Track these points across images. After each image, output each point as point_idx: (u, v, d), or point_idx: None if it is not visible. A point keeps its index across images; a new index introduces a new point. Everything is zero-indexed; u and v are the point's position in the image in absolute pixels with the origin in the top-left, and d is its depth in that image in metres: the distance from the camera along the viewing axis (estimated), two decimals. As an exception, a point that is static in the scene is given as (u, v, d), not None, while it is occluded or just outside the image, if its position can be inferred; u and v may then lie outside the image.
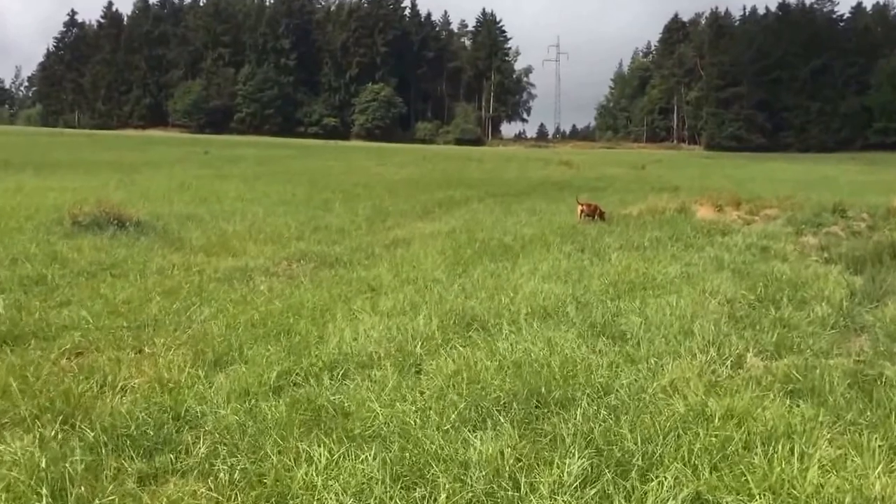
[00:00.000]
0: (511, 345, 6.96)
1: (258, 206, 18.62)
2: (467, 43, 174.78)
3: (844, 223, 17.85)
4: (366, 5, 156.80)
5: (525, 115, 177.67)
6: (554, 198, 24.98)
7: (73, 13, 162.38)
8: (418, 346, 6.91)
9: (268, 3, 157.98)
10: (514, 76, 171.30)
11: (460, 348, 6.85)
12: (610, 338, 7.31)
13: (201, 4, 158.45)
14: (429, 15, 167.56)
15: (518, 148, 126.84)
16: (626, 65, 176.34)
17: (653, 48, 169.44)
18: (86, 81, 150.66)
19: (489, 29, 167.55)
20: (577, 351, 6.77)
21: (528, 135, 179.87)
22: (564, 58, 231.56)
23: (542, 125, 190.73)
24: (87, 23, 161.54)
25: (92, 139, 74.01)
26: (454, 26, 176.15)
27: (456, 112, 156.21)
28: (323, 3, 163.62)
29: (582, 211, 17.63)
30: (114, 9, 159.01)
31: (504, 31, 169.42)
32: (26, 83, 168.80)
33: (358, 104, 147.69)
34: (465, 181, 31.87)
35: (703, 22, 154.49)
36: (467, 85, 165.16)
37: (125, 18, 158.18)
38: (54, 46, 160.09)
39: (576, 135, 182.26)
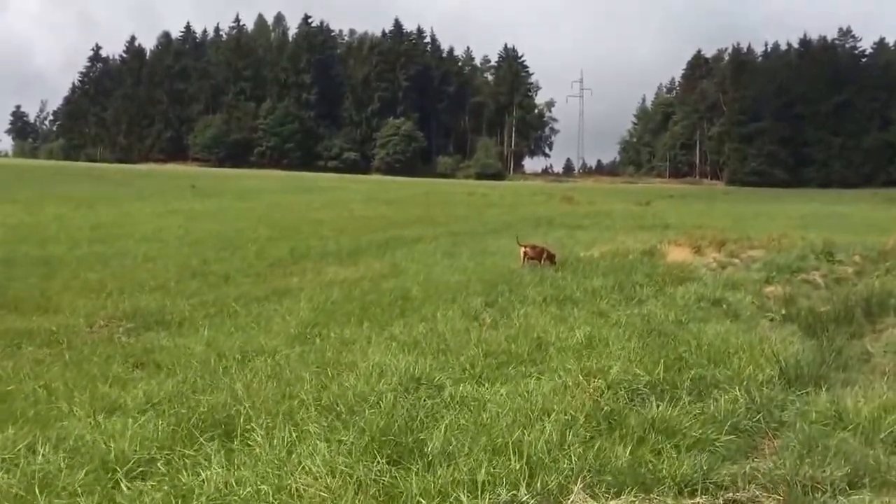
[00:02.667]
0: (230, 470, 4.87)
1: (161, 246, 16.90)
2: (489, 78, 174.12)
3: (828, 268, 15.51)
4: (387, 41, 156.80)
5: (547, 150, 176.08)
6: (525, 236, 22.91)
7: (97, 48, 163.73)
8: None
9: (289, 39, 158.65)
10: (536, 111, 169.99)
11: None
12: (396, 457, 5.12)
13: (223, 39, 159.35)
14: (451, 50, 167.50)
15: (539, 183, 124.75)
16: (649, 100, 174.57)
17: (676, 84, 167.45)
18: (108, 115, 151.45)
19: (511, 64, 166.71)
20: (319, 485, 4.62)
21: (555, 169, 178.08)
22: (588, 93, 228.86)
23: (567, 160, 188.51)
24: (112, 57, 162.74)
25: (81, 170, 73.33)
26: (477, 61, 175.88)
27: (477, 146, 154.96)
28: (344, 39, 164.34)
29: (525, 254, 15.45)
30: (136, 43, 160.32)
31: (526, 67, 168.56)
32: (51, 117, 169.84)
33: (379, 138, 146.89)
34: (438, 218, 29.98)
35: (726, 58, 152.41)
36: (489, 119, 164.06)
37: (147, 53, 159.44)
38: (79, 81, 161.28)
39: (601, 169, 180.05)
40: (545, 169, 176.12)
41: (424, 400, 6.31)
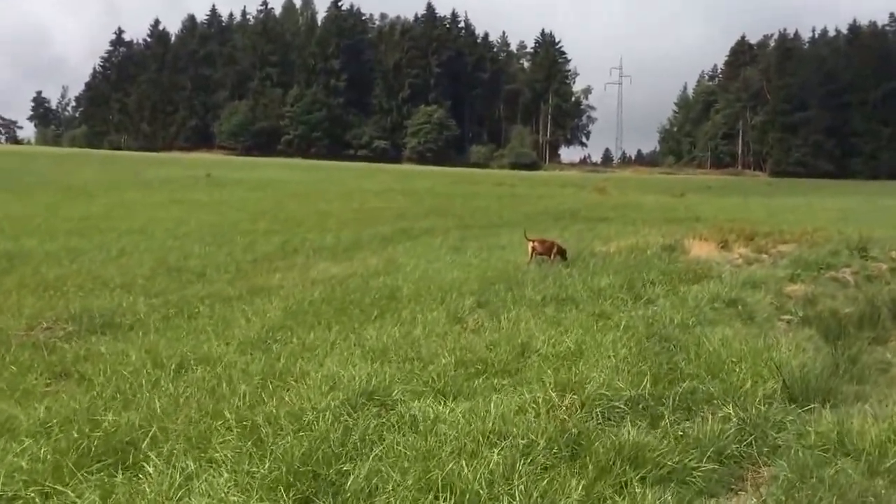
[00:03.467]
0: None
1: (144, 239, 16.56)
2: (526, 64, 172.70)
3: (860, 265, 14.69)
4: (420, 25, 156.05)
5: (584, 139, 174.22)
6: (543, 229, 22.30)
7: (119, 32, 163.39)
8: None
9: (318, 23, 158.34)
10: (573, 99, 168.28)
11: None
12: (308, 493, 4.53)
13: (249, 23, 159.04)
14: (486, 35, 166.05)
15: (574, 173, 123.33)
16: (690, 88, 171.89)
17: (718, 71, 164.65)
18: (131, 102, 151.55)
19: (548, 50, 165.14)
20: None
21: (594, 159, 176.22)
22: (627, 80, 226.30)
23: (606, 150, 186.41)
24: (135, 42, 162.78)
25: (96, 158, 73.39)
26: (513, 47, 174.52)
27: (511, 135, 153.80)
28: (375, 23, 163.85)
29: (533, 249, 14.78)
30: (160, 27, 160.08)
31: (563, 53, 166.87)
32: (73, 103, 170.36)
33: (410, 126, 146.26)
34: (456, 210, 29.30)
35: (771, 44, 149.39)
36: (524, 107, 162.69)
37: (172, 37, 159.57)
38: (101, 66, 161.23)
39: (641, 160, 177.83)
40: (583, 159, 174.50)
41: (369, 419, 5.76)
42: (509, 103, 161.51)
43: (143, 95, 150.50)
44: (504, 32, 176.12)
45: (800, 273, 13.62)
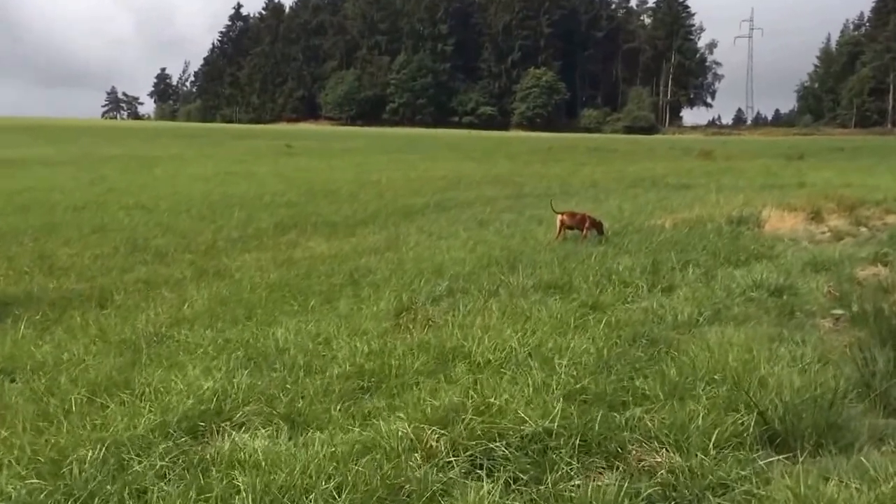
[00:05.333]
0: None
1: (141, 213, 15.92)
2: (646, 21, 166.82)
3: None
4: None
5: (709, 100, 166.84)
6: (604, 197, 20.50)
7: (238, 6, 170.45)
8: None
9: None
10: (697, 56, 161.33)
11: None
12: None
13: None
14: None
15: (692, 136, 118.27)
16: (833, 40, 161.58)
17: (865, 19, 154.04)
18: (242, 75, 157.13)
19: (670, 4, 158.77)
20: None
21: (724, 121, 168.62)
22: (759, 33, 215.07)
23: (739, 110, 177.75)
24: (252, 16, 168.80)
25: (186, 131, 74.89)
26: (633, 2, 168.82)
27: (628, 97, 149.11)
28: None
29: (562, 223, 13.09)
30: (276, 0, 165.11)
31: (687, 7, 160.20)
32: (192, 78, 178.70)
33: (518, 91, 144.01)
34: (519, 178, 27.71)
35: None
36: (644, 67, 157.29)
37: (286, 9, 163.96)
38: (219, 41, 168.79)
39: (777, 120, 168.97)
40: (712, 121, 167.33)
41: (168, 460, 4.49)
42: (627, 64, 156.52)
43: (254, 68, 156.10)
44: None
45: (887, 253, 11.38)
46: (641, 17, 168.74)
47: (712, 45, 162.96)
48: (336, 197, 20.12)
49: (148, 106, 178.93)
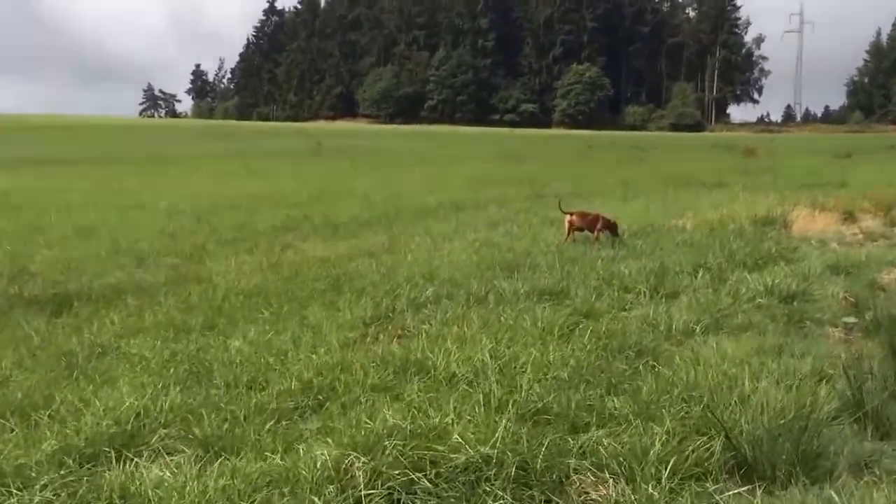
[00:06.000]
0: None
1: (137, 215, 15.80)
2: (691, 14, 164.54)
3: None
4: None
5: (756, 96, 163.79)
6: (632, 196, 20.01)
7: (272, 0, 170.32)
8: None
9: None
10: (744, 51, 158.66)
11: None
12: None
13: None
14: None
15: (739, 134, 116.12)
16: (884, 33, 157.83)
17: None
18: (280, 72, 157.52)
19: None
20: None
21: (773, 118, 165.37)
22: (809, 28, 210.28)
23: (788, 107, 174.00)
24: (287, 10, 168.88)
25: (216, 129, 74.93)
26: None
27: (673, 94, 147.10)
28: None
29: (570, 224, 12.62)
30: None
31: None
32: (228, 75, 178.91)
33: (560, 87, 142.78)
34: (548, 178, 27.28)
35: None
36: (689, 63, 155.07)
37: (322, 3, 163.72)
38: (253, 36, 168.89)
39: (828, 117, 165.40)
40: (761, 118, 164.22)
41: (50, 493, 4.17)
42: (671, 59, 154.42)
43: (291, 65, 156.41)
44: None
45: (918, 255, 10.81)
46: (686, 11, 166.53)
47: (759, 40, 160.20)
48: (347, 196, 19.91)
49: (186, 104, 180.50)
